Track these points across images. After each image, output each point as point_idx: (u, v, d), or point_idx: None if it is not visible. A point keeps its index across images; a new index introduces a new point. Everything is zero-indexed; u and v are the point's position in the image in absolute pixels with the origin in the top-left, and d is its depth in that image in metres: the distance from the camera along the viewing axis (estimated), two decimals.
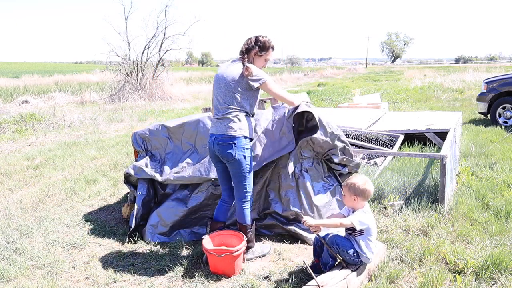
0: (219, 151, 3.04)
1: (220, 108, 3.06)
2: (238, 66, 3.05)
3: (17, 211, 4.42)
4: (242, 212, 3.19)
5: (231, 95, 3.02)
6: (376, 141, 6.24)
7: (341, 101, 14.17)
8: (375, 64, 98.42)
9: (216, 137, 3.04)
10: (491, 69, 31.65)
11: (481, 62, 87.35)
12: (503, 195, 4.39)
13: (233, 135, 3.00)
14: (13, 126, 9.76)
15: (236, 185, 3.15)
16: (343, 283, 2.61)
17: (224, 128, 3.01)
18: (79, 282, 3.02)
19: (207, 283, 2.94)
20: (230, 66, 3.11)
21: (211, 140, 3.08)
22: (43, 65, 68.17)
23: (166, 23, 18.09)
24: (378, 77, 31.74)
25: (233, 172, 3.10)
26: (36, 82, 24.72)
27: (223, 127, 3.02)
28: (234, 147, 3.00)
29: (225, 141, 3.00)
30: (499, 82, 9.12)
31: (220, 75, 3.10)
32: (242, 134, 3.02)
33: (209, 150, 3.16)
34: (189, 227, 3.73)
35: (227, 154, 3.00)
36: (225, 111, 3.03)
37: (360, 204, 2.83)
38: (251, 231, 3.27)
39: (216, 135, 3.05)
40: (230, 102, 3.03)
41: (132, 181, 4.07)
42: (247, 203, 3.19)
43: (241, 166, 3.05)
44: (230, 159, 3.02)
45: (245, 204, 3.18)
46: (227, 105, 3.03)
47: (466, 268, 2.98)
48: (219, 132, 3.03)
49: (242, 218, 3.20)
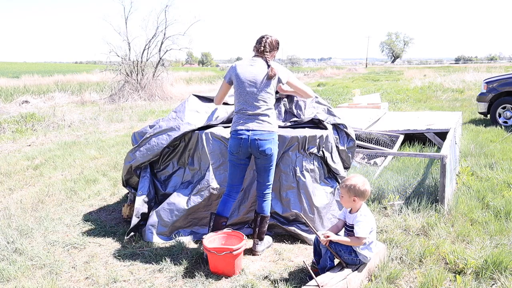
0: (258, 146, 3.13)
1: (256, 105, 3.17)
2: (264, 65, 3.22)
3: (17, 211, 4.42)
4: (265, 204, 3.33)
5: (265, 92, 3.18)
6: (376, 141, 6.24)
7: (341, 101, 14.17)
8: (375, 64, 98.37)
9: (255, 132, 3.12)
10: (491, 69, 31.65)
11: (481, 62, 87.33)
12: (503, 195, 4.39)
13: (272, 130, 3.18)
14: (13, 126, 9.76)
15: (264, 178, 3.29)
16: (343, 283, 2.61)
17: (264, 124, 3.15)
18: (79, 282, 3.02)
19: (207, 283, 2.94)
20: (254, 65, 3.23)
21: (246, 136, 3.13)
22: (43, 65, 68.18)
23: (166, 23, 18.13)
24: (378, 77, 31.74)
25: (265, 166, 3.25)
26: (36, 82, 24.73)
27: (263, 123, 3.15)
28: (272, 142, 3.18)
29: (265, 136, 3.13)
30: (499, 82, 9.12)
31: (248, 75, 3.20)
32: (277, 130, 3.26)
33: (240, 146, 3.18)
34: (189, 227, 3.72)
35: (267, 149, 3.15)
36: (261, 108, 3.17)
37: (359, 204, 2.83)
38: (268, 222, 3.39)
39: (254, 130, 3.13)
40: (265, 99, 3.18)
41: (132, 183, 4.07)
42: (269, 195, 3.35)
43: (273, 160, 3.25)
44: (269, 153, 3.17)
45: (267, 196, 3.33)
46: (263, 102, 3.17)
47: (466, 268, 2.98)
48: (258, 128, 3.14)
49: (264, 209, 3.34)
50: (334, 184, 3.82)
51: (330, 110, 3.98)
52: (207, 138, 3.73)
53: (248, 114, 3.17)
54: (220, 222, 3.31)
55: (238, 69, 3.24)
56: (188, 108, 4.00)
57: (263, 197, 3.33)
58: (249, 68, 3.22)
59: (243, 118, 3.19)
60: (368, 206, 4.21)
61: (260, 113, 3.16)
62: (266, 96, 3.19)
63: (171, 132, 3.83)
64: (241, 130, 3.16)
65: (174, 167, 3.97)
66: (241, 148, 3.18)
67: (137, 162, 3.87)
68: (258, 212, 3.36)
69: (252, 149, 3.16)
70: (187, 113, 3.94)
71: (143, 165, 3.91)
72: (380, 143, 6.25)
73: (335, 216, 3.67)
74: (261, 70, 3.19)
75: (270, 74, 3.16)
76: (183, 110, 3.98)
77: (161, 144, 3.81)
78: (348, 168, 4.11)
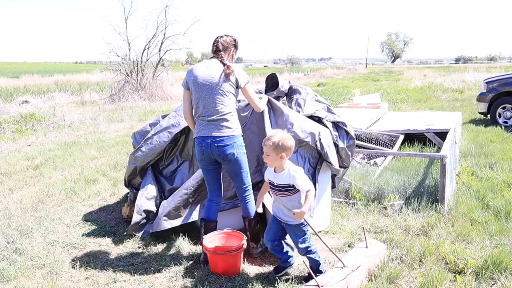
0: (219, 152, 3.02)
1: (212, 110, 3.02)
2: (220, 66, 3.07)
3: (17, 211, 4.42)
4: (246, 206, 3.25)
5: (223, 95, 3.03)
6: (376, 141, 6.24)
7: (341, 101, 14.17)
8: (375, 64, 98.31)
9: (213, 139, 3.01)
10: (491, 69, 31.64)
11: (481, 62, 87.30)
12: (503, 195, 4.39)
13: (233, 134, 3.04)
14: (13, 126, 9.76)
15: (238, 182, 3.19)
16: (343, 283, 2.61)
17: (222, 130, 3.02)
18: (79, 282, 3.02)
19: (207, 283, 2.94)
20: (210, 66, 3.08)
21: (205, 143, 3.03)
22: (43, 65, 68.20)
23: (166, 23, 18.12)
24: (378, 77, 31.74)
25: (234, 171, 3.13)
26: (36, 82, 24.75)
27: (220, 129, 3.02)
28: (235, 146, 3.04)
29: (226, 141, 3.01)
30: (499, 82, 9.12)
31: (204, 77, 3.05)
32: (239, 133, 3.10)
33: (202, 153, 3.08)
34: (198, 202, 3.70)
35: (229, 154, 3.03)
36: (218, 113, 3.02)
37: (284, 162, 2.73)
38: (258, 224, 3.33)
39: (212, 137, 3.01)
40: (223, 102, 3.03)
41: (135, 183, 4.07)
42: (249, 196, 3.26)
43: (242, 163, 3.12)
44: (232, 158, 3.05)
45: (248, 197, 3.25)
46: (222, 106, 3.02)
47: (466, 268, 2.98)
48: (216, 134, 3.01)
49: (248, 212, 3.26)
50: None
51: (329, 108, 3.98)
52: None
53: (207, 120, 3.03)
54: (210, 227, 3.30)
55: (194, 72, 3.09)
56: None
57: (245, 200, 3.24)
58: (206, 70, 3.07)
59: (202, 125, 3.07)
60: (368, 206, 4.22)
61: (219, 118, 3.02)
62: (224, 99, 3.03)
63: (171, 129, 3.89)
64: (201, 137, 3.07)
65: (179, 160, 4.02)
66: (204, 155, 3.09)
67: (142, 162, 3.92)
68: (244, 216, 3.31)
69: (215, 155, 3.05)
70: None
71: (148, 164, 3.95)
72: (380, 143, 6.25)
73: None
74: (217, 71, 3.04)
75: (226, 72, 3.01)
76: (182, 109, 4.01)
77: (163, 142, 3.87)
78: (347, 167, 4.10)
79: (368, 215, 4.05)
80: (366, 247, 3.01)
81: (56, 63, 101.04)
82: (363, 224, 3.84)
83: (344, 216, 4.04)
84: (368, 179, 4.78)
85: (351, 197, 4.45)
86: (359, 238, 3.54)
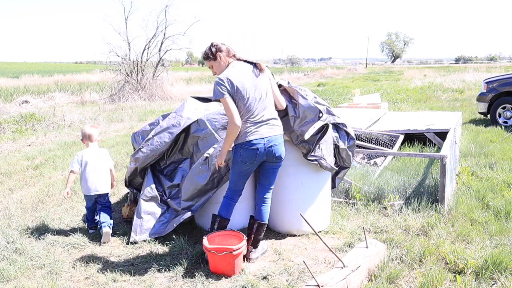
0: (275, 152, 3.09)
1: (266, 112, 3.08)
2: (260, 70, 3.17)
3: (17, 211, 4.42)
4: (266, 210, 3.30)
5: (271, 98, 3.17)
6: (376, 141, 6.24)
7: (341, 101, 14.16)
8: (375, 64, 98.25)
9: (270, 139, 3.06)
10: (491, 69, 31.64)
11: (481, 62, 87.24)
12: (503, 195, 4.39)
13: (282, 133, 3.21)
14: (13, 126, 9.76)
15: (269, 181, 3.28)
16: (343, 283, 2.61)
17: (276, 130, 3.12)
18: (79, 282, 3.03)
19: (207, 283, 2.94)
20: (254, 71, 3.12)
21: (262, 144, 3.02)
22: (43, 65, 68.21)
23: (166, 23, 18.12)
24: (378, 77, 31.74)
25: (276, 171, 3.25)
26: (36, 82, 24.74)
27: (275, 129, 3.11)
28: (284, 145, 3.21)
29: (280, 141, 3.15)
30: (499, 82, 9.12)
31: (253, 80, 3.07)
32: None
33: (256, 155, 3.05)
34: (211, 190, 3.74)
35: (282, 152, 3.16)
36: (271, 114, 3.12)
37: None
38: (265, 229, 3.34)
39: (270, 137, 3.06)
40: (271, 104, 3.17)
41: (135, 183, 4.07)
42: (269, 199, 3.33)
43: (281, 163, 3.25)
44: (283, 156, 3.19)
45: (268, 200, 3.32)
46: (271, 108, 3.15)
47: (466, 268, 2.98)
48: (273, 134, 3.08)
49: (263, 216, 3.29)
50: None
51: (329, 110, 3.98)
52: (208, 120, 3.81)
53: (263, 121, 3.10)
54: (225, 224, 3.30)
55: (242, 76, 3.07)
56: (187, 107, 4.04)
57: (264, 202, 3.28)
58: (253, 74, 3.12)
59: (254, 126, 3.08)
60: (368, 206, 4.22)
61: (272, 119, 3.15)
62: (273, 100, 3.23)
63: (172, 129, 3.89)
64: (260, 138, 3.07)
65: (180, 158, 4.03)
66: (258, 157, 3.11)
67: (143, 163, 3.92)
68: (256, 219, 3.28)
69: (267, 156, 3.12)
70: (186, 111, 3.99)
71: (149, 165, 3.96)
72: (380, 143, 6.25)
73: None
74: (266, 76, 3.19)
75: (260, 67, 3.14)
76: (182, 109, 4.03)
77: (164, 143, 3.87)
78: (348, 168, 4.10)
79: (368, 215, 4.05)
80: (366, 247, 3.01)
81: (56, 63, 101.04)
82: (363, 224, 3.84)
83: (344, 216, 4.04)
84: (368, 179, 4.78)
85: (351, 197, 4.45)
86: (359, 238, 3.54)
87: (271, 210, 3.80)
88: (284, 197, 3.70)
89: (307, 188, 3.67)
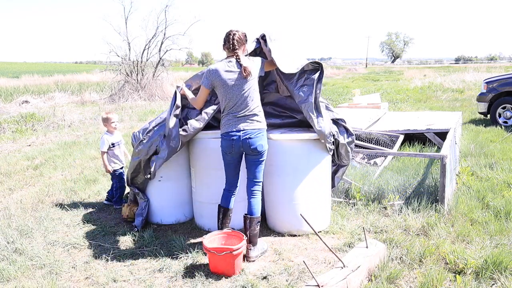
0: (250, 144, 3.20)
1: (244, 106, 3.21)
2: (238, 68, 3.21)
3: (17, 211, 4.42)
4: (255, 203, 3.33)
5: (253, 91, 3.25)
6: (376, 141, 6.24)
7: (341, 101, 14.17)
8: (375, 64, 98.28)
9: (246, 132, 3.19)
10: (491, 69, 31.63)
11: (481, 62, 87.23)
12: (503, 195, 4.39)
13: (262, 127, 3.28)
14: (13, 126, 9.76)
15: (254, 175, 3.34)
16: (343, 283, 2.61)
17: (254, 123, 3.23)
18: (79, 282, 3.03)
19: (207, 283, 2.94)
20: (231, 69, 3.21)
21: (237, 137, 3.19)
22: (43, 65, 68.20)
23: (166, 23, 18.11)
24: (378, 77, 31.74)
25: (257, 163, 3.32)
26: (36, 82, 24.72)
27: (252, 122, 3.22)
28: (263, 138, 3.27)
29: (257, 134, 3.23)
30: (499, 82, 9.12)
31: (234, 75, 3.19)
32: (265, 126, 3.34)
33: (233, 146, 3.23)
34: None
35: (259, 145, 3.23)
36: (250, 108, 3.22)
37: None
38: (259, 224, 3.34)
39: (246, 130, 3.20)
40: (253, 98, 3.25)
41: (137, 182, 4.05)
42: (258, 192, 3.37)
43: (264, 156, 3.33)
44: (261, 150, 3.25)
45: (256, 193, 3.35)
46: (252, 101, 3.23)
47: (466, 268, 2.98)
48: (249, 127, 3.21)
49: (252, 209, 3.32)
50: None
51: (328, 107, 3.98)
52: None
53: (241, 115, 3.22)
54: (228, 214, 3.43)
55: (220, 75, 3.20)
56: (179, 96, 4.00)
57: (253, 195, 3.34)
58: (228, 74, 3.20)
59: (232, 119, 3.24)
60: (368, 206, 4.22)
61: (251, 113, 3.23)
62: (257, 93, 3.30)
63: None
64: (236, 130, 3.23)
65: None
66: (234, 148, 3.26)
67: (146, 155, 3.87)
68: (246, 213, 3.33)
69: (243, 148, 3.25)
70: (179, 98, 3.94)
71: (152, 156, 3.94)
72: (380, 143, 6.25)
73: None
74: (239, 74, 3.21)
75: (244, 75, 3.18)
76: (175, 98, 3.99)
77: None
78: (346, 166, 4.10)
79: (368, 215, 4.05)
80: (366, 247, 3.01)
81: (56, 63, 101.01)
82: (363, 224, 3.84)
83: (344, 216, 4.04)
84: (368, 179, 4.78)
85: (351, 197, 4.45)
86: (359, 238, 3.54)
87: (271, 211, 3.80)
88: (284, 197, 3.69)
89: (307, 188, 3.67)
